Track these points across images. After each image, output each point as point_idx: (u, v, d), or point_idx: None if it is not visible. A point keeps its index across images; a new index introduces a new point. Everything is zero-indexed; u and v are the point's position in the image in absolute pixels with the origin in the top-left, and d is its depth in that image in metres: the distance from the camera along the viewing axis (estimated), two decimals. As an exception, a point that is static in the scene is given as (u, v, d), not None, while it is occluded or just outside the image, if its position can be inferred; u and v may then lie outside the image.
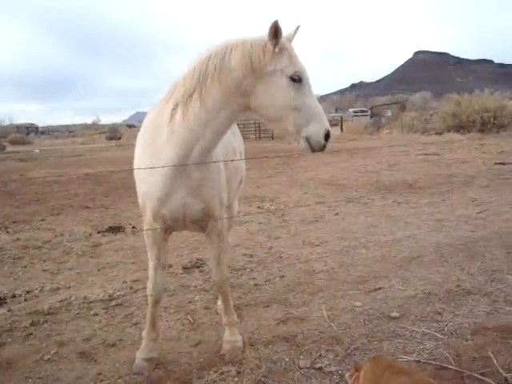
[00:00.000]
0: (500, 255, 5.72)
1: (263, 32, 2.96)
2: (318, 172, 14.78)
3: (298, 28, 3.15)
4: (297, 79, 2.96)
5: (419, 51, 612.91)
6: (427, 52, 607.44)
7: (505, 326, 3.88)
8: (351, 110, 54.46)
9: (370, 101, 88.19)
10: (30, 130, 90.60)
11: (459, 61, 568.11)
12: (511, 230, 6.82)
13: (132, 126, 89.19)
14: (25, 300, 5.08)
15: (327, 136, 3.00)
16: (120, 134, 49.39)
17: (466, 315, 4.17)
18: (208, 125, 3.08)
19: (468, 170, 13.46)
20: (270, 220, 8.48)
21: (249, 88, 3.01)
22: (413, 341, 3.76)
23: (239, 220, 8.29)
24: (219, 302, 4.29)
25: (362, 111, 52.83)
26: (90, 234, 7.98)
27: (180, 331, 4.20)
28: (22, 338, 4.17)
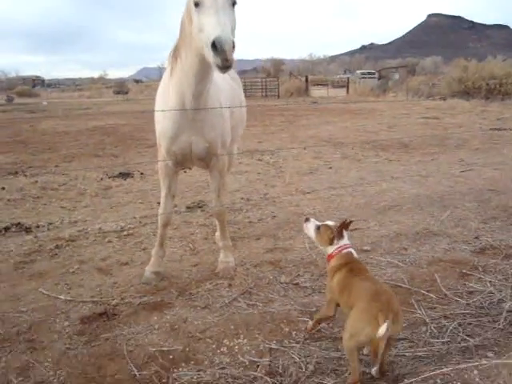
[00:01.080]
0: (471, 207, 6.37)
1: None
2: (319, 130, 15.34)
3: None
4: (197, 3, 3.13)
5: (432, 14, 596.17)
6: (440, 15, 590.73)
7: (457, 259, 4.59)
8: (359, 71, 54.16)
9: (379, 63, 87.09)
10: (37, 82, 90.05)
11: (473, 25, 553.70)
12: (487, 187, 7.44)
13: (139, 81, 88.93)
14: (48, 229, 5.82)
15: (214, 46, 2.92)
16: (127, 89, 49.88)
17: (427, 251, 4.86)
18: (188, 74, 3.64)
19: (463, 134, 13.95)
20: (268, 171, 9.15)
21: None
22: (377, 267, 4.46)
23: (240, 170, 8.97)
24: (217, 233, 4.98)
25: (369, 73, 52.64)
26: (102, 179, 8.68)
27: (182, 255, 4.94)
28: (49, 257, 4.92)
